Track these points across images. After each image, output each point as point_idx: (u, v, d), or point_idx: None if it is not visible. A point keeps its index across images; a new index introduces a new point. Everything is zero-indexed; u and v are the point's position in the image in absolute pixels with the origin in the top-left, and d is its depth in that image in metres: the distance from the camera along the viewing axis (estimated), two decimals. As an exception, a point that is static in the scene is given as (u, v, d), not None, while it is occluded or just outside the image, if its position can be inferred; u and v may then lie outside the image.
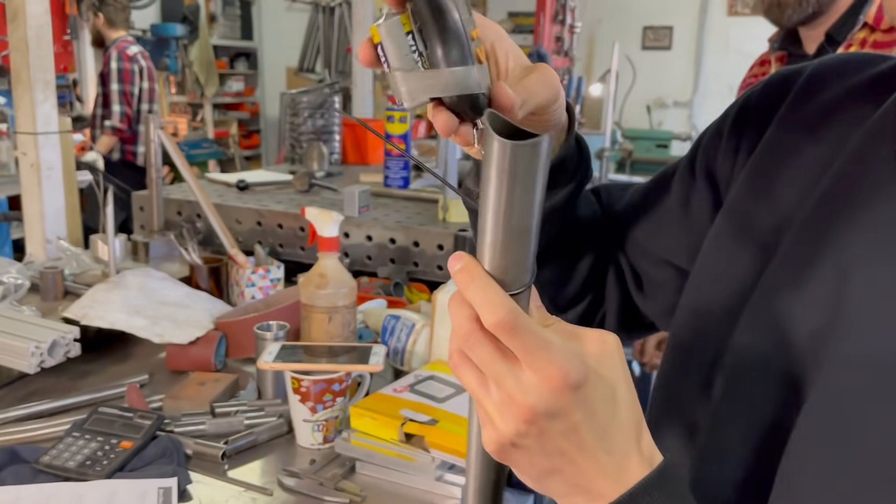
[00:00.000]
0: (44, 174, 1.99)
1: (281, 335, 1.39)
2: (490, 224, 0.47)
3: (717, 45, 5.39)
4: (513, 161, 0.44)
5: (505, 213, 0.46)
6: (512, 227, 0.46)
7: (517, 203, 0.46)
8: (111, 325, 1.43)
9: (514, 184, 0.45)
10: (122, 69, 4.34)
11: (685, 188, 0.73)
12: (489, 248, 0.47)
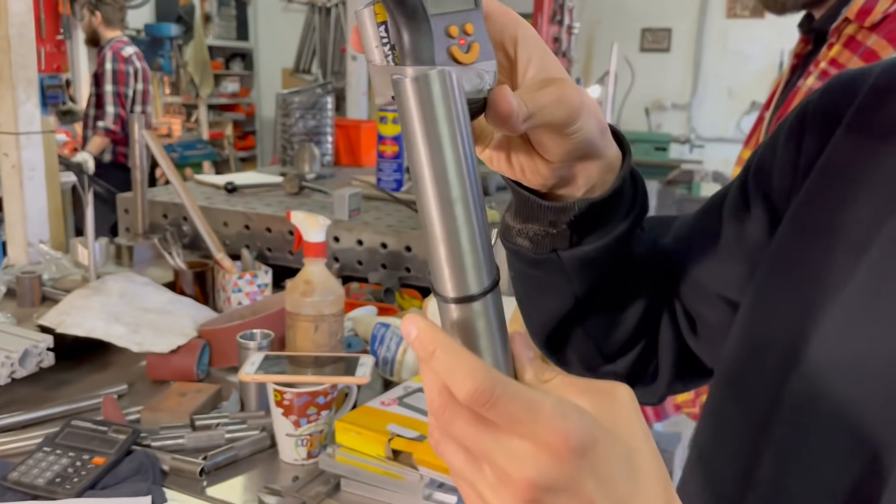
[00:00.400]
0: (26, 175, 1.93)
1: (265, 344, 1.34)
2: (420, 203, 0.42)
3: (716, 48, 5.34)
4: (420, 101, 0.40)
5: (429, 179, 0.41)
6: (442, 195, 0.41)
7: (436, 161, 0.41)
8: (88, 333, 1.37)
9: (427, 134, 0.41)
10: (116, 70, 4.28)
11: (738, 216, 0.65)
12: (428, 237, 0.42)
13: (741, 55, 5.17)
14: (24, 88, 1.90)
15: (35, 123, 1.94)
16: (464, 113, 0.42)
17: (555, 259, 0.60)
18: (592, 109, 0.52)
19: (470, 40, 0.45)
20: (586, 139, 0.53)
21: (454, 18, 0.44)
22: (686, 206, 3.57)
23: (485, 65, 0.46)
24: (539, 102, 0.49)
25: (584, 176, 0.57)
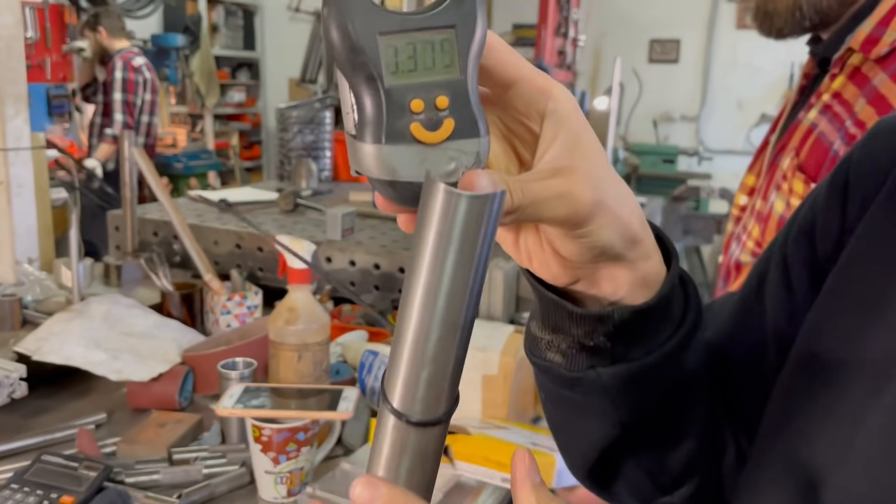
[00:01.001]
0: (14, 192, 1.89)
1: (247, 374, 1.29)
2: (413, 316, 0.37)
3: (726, 59, 5.28)
4: (457, 218, 0.35)
5: (440, 298, 0.36)
6: (448, 320, 0.37)
7: (454, 279, 0.36)
8: (66, 361, 1.33)
9: (455, 251, 0.36)
10: (126, 79, 4.27)
11: (781, 300, 0.55)
12: (408, 350, 0.38)
13: (751, 67, 5.10)
14: (12, 104, 1.86)
15: (24, 139, 1.90)
16: (492, 234, 0.37)
17: (594, 378, 0.50)
18: (615, 213, 0.43)
19: (441, 116, 0.38)
20: (602, 246, 0.44)
21: (421, 90, 0.38)
22: (692, 222, 3.50)
23: (462, 144, 0.39)
24: (532, 195, 0.41)
25: (610, 282, 0.47)
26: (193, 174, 5.21)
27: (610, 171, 0.44)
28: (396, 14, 0.37)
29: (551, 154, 0.43)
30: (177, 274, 1.84)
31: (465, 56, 0.38)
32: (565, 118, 0.43)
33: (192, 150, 5.51)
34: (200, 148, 5.69)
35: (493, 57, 0.42)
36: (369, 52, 0.37)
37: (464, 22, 0.38)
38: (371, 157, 0.38)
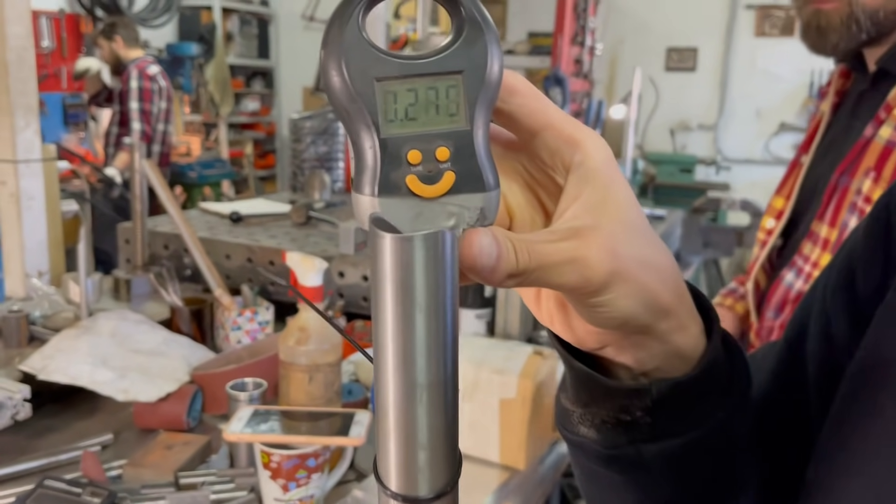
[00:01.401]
0: (24, 205, 1.87)
1: (256, 395, 1.25)
2: (388, 380, 0.34)
3: (744, 67, 5.20)
4: (401, 263, 0.33)
5: (391, 353, 0.34)
6: (405, 378, 0.34)
7: (405, 337, 0.34)
8: (72, 381, 1.30)
9: (408, 301, 0.33)
10: (142, 88, 4.26)
11: (825, 358, 0.51)
12: (378, 414, 0.35)
13: (770, 75, 5.03)
14: (22, 115, 1.84)
15: (35, 151, 1.88)
16: (452, 281, 0.34)
17: (633, 454, 0.45)
18: (638, 283, 0.39)
19: (441, 168, 0.35)
20: (621, 318, 0.39)
21: (420, 141, 0.35)
22: (713, 235, 3.43)
23: (464, 199, 0.36)
24: (540, 258, 0.37)
25: (641, 351, 0.42)
26: (207, 183, 5.20)
27: (641, 232, 0.39)
28: (398, 58, 0.35)
29: (571, 213, 0.38)
30: (187, 288, 1.81)
31: (472, 104, 0.35)
32: (592, 174, 0.39)
33: (206, 158, 5.50)
34: (214, 157, 5.68)
35: (515, 102, 0.39)
36: (365, 98, 0.34)
37: (473, 67, 0.36)
38: (364, 209, 0.35)
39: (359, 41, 0.34)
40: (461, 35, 0.36)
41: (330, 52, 0.34)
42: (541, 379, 1.19)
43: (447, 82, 0.35)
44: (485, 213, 0.36)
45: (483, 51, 0.35)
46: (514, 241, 0.36)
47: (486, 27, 0.36)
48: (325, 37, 0.34)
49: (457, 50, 0.35)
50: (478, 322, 1.49)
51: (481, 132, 0.36)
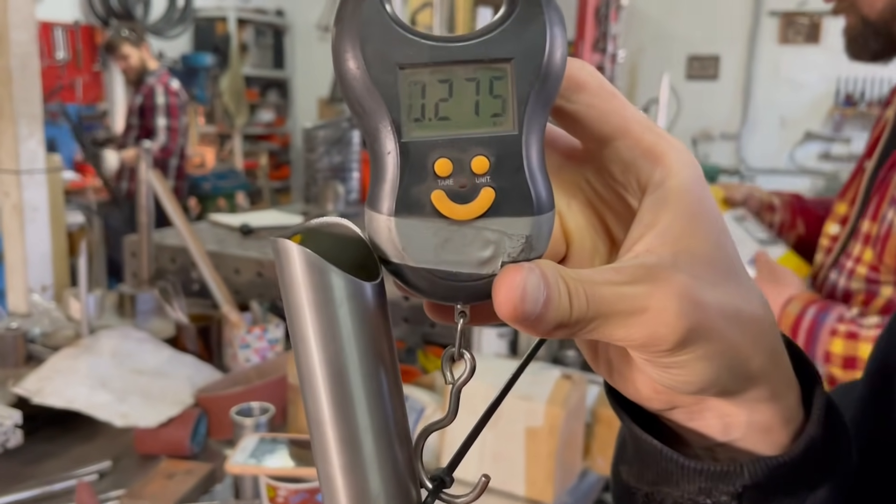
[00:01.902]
0: (27, 216, 1.81)
1: (263, 422, 1.17)
2: (324, 424, 0.30)
3: (768, 75, 5.09)
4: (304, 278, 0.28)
5: (345, 400, 0.30)
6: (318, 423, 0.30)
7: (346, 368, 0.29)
8: (67, 404, 1.22)
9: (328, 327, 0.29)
10: (169, 104, 4.18)
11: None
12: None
13: (794, 83, 4.92)
14: (26, 124, 1.77)
15: (38, 161, 1.82)
16: (356, 309, 0.29)
17: None
18: (724, 342, 0.30)
19: (477, 183, 0.28)
20: (699, 383, 0.31)
21: (453, 147, 0.28)
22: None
23: (506, 223, 0.29)
24: (599, 306, 0.29)
25: (720, 419, 0.34)
26: (222, 194, 5.15)
27: (732, 275, 0.31)
28: (429, 40, 0.28)
29: (644, 245, 0.30)
30: (196, 303, 1.73)
31: (523, 102, 0.28)
32: (675, 197, 0.30)
33: (221, 170, 5.46)
34: (229, 168, 5.64)
35: (582, 101, 0.31)
36: (384, 90, 0.27)
37: (527, 53, 0.28)
38: (380, 232, 0.29)
39: (380, 17, 0.27)
40: (513, 12, 0.28)
41: (343, 30, 0.27)
42: (570, 406, 1.10)
43: (491, 72, 0.28)
44: (531, 243, 0.29)
45: (540, 33, 0.28)
46: (569, 280, 0.28)
47: (545, 2, 0.28)
48: (339, 11, 0.28)
49: (506, 31, 0.28)
50: (499, 341, 1.40)
51: (534, 138, 0.29)
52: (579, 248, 0.33)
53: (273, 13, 6.64)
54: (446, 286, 0.29)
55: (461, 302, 0.30)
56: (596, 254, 0.34)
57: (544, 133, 0.29)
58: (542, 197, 0.29)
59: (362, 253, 0.30)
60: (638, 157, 0.31)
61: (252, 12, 6.38)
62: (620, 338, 0.30)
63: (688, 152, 0.32)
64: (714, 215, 0.31)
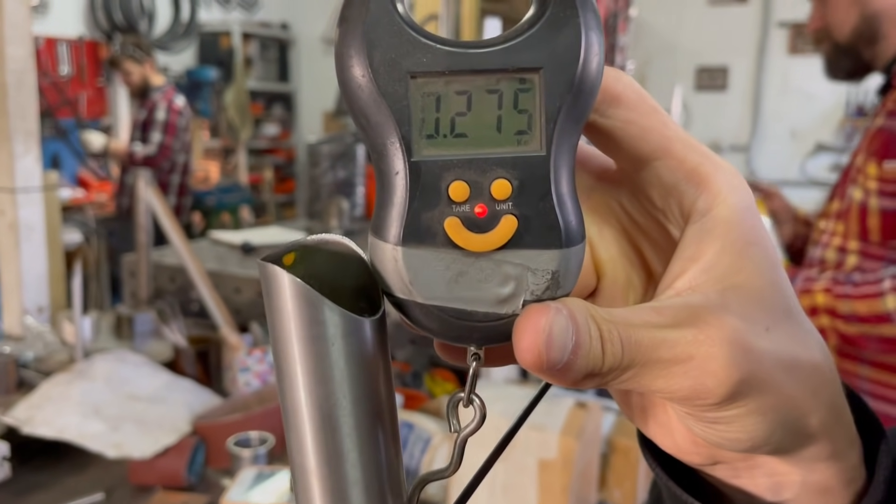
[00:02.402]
0: (23, 236, 1.76)
1: (262, 453, 1.11)
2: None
3: (777, 86, 5.04)
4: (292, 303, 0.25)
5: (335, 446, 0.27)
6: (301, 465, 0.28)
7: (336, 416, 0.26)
8: (58, 434, 1.17)
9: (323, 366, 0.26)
10: (168, 122, 4.15)
11: None
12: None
13: (804, 94, 4.86)
14: (22, 140, 1.73)
15: (34, 179, 1.77)
16: (351, 348, 0.26)
17: None
18: (778, 395, 0.26)
19: (497, 210, 0.25)
20: (750, 440, 0.27)
21: (470, 168, 0.25)
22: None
23: (529, 256, 0.25)
24: (638, 352, 0.25)
25: (769, 478, 0.30)
26: (226, 209, 5.11)
27: (788, 318, 0.27)
28: (446, 46, 0.24)
29: (686, 281, 0.27)
30: (195, 324, 1.68)
31: (553, 117, 0.25)
32: (723, 227, 0.27)
33: (225, 184, 5.42)
34: (233, 183, 5.61)
35: (619, 116, 0.28)
36: (393, 101, 0.24)
37: (558, 62, 0.25)
38: (385, 262, 0.25)
39: (390, 17, 0.24)
40: (543, 14, 0.25)
41: (348, 33, 0.24)
42: (585, 436, 1.04)
43: (517, 84, 0.25)
44: (558, 280, 0.25)
45: (575, 38, 0.25)
46: (601, 323, 0.25)
47: (581, 4, 0.25)
48: (344, 10, 0.25)
49: (535, 36, 0.25)
50: (510, 366, 1.34)
51: (564, 160, 0.25)
52: (611, 281, 0.30)
53: (278, 27, 6.63)
54: (459, 326, 0.26)
55: (475, 344, 0.27)
56: (630, 288, 0.30)
57: (575, 153, 0.26)
58: (572, 227, 0.26)
59: (363, 276, 0.27)
60: (681, 181, 0.28)
61: (257, 26, 6.37)
62: (660, 389, 0.26)
63: (737, 175, 0.28)
64: (767, 248, 0.28)
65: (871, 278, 1.15)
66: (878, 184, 1.21)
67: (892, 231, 1.21)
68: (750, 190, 0.28)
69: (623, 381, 0.26)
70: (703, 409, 0.26)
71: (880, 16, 1.27)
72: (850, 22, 1.30)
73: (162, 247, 1.99)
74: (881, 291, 1.12)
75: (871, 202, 1.22)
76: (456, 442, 0.28)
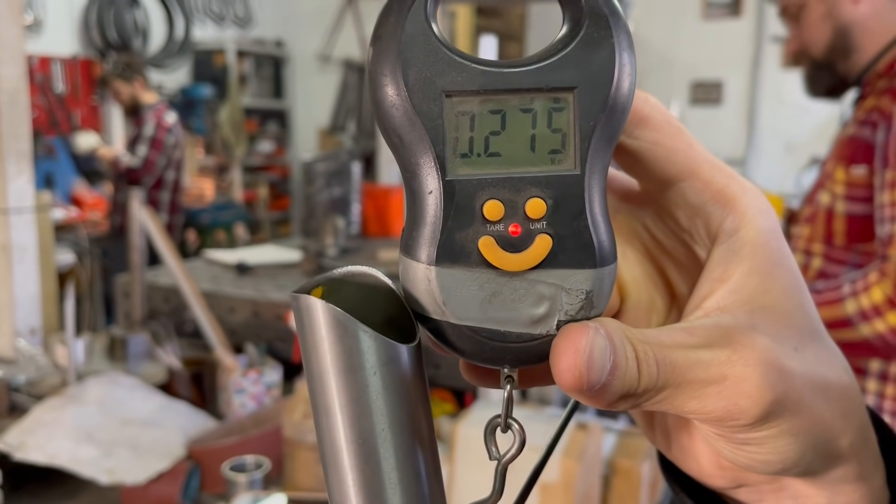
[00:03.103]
0: (15, 257, 1.74)
1: (258, 478, 1.09)
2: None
3: (772, 100, 5.04)
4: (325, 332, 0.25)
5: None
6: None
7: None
8: (50, 461, 1.15)
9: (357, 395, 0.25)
10: (155, 137, 4.15)
11: None
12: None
13: (798, 108, 4.85)
14: (14, 161, 1.72)
15: (27, 200, 1.76)
16: (391, 376, 0.25)
17: None
18: (810, 416, 0.26)
19: (532, 230, 0.25)
20: (780, 462, 0.27)
21: (504, 187, 0.25)
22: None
23: (564, 276, 0.25)
24: (673, 373, 0.25)
25: (793, 499, 0.29)
26: (221, 226, 5.10)
27: (815, 339, 0.28)
28: (480, 65, 0.24)
29: (714, 302, 0.27)
30: (191, 344, 1.66)
31: (587, 137, 0.25)
32: (750, 248, 0.27)
33: (220, 202, 5.41)
34: (228, 200, 5.59)
35: (647, 137, 0.28)
36: (427, 120, 0.24)
37: (593, 82, 0.25)
38: (417, 283, 0.25)
39: (425, 36, 0.24)
40: (577, 34, 0.25)
41: (383, 50, 0.24)
42: (586, 458, 1.03)
43: (551, 103, 0.25)
44: (592, 300, 0.26)
45: (608, 59, 0.25)
46: (636, 343, 0.25)
47: (614, 24, 0.25)
48: (378, 28, 0.25)
49: (569, 56, 0.25)
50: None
51: (597, 179, 0.25)
52: (635, 303, 0.30)
53: (272, 44, 6.63)
54: (493, 347, 0.25)
55: (508, 365, 0.26)
56: (653, 310, 0.30)
57: (607, 173, 0.26)
58: (605, 246, 0.26)
59: (394, 308, 0.27)
60: (707, 202, 0.28)
61: (251, 44, 6.38)
62: (693, 410, 0.26)
63: (763, 197, 0.28)
64: (793, 270, 0.28)
65: (832, 285, 1.17)
66: (844, 188, 1.24)
67: (855, 235, 1.24)
68: (775, 212, 0.28)
69: (657, 402, 0.26)
70: (735, 430, 0.26)
71: (851, 27, 1.30)
72: (823, 37, 1.33)
73: (156, 267, 1.97)
74: (841, 297, 1.14)
75: (838, 206, 1.25)
76: (497, 470, 0.27)
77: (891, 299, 1.08)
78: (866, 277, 1.12)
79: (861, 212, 1.23)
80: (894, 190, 1.13)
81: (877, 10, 1.29)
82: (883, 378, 1.22)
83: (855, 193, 1.24)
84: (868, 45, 1.30)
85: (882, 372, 1.23)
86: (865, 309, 1.11)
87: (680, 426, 0.31)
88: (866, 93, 1.31)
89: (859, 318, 1.11)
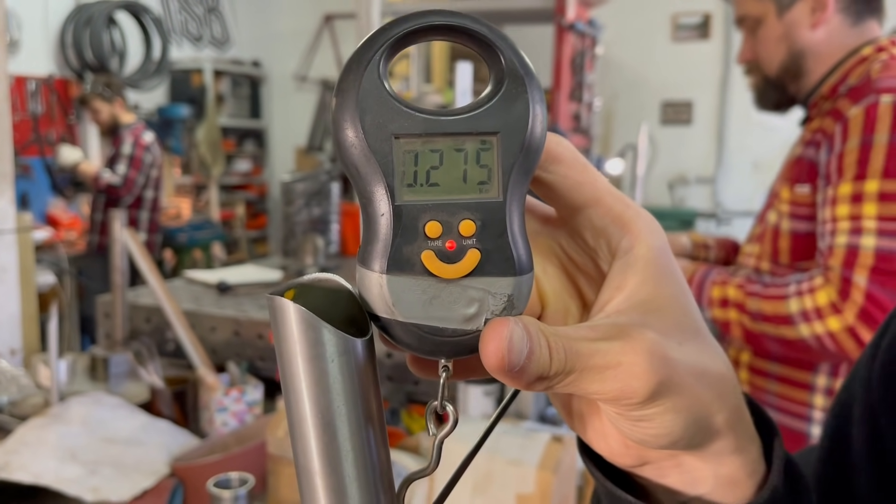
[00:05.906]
0: (-4, 278, 1.75)
1: (242, 495, 1.11)
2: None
3: (740, 119, 5.16)
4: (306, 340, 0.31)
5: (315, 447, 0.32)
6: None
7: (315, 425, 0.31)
8: (35, 480, 1.16)
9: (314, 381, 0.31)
10: (133, 156, 4.16)
11: (874, 469, 0.45)
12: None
13: (766, 126, 4.98)
14: (-5, 183, 1.73)
15: (9, 221, 1.77)
16: (347, 364, 0.31)
17: None
18: (690, 397, 0.32)
19: (464, 245, 0.31)
20: (668, 436, 0.33)
21: (442, 211, 0.31)
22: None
23: (490, 282, 0.31)
24: (576, 361, 0.31)
25: (686, 475, 0.36)
26: (198, 245, 5.09)
27: (696, 335, 0.34)
28: (423, 113, 0.31)
29: (614, 306, 0.33)
30: (172, 364, 1.68)
31: (507, 171, 0.31)
32: (642, 262, 0.34)
33: (197, 221, 5.40)
34: (205, 219, 5.59)
35: (559, 172, 0.34)
36: (380, 157, 0.30)
37: (511, 128, 0.31)
38: (371, 288, 0.31)
39: (378, 90, 0.30)
40: (500, 90, 0.31)
41: (343, 101, 0.30)
42: (561, 470, 1.06)
43: (479, 144, 0.31)
44: (513, 301, 0.31)
45: (524, 109, 0.31)
46: (549, 335, 0.31)
47: (528, 81, 0.31)
48: (340, 83, 0.30)
49: (493, 107, 0.31)
50: (486, 400, 1.37)
51: (516, 205, 0.31)
52: (553, 310, 0.36)
53: (249, 64, 6.66)
54: (433, 341, 0.31)
55: (445, 356, 0.32)
56: (569, 314, 0.36)
57: (525, 201, 0.32)
58: (523, 259, 0.31)
59: (352, 307, 0.32)
60: (608, 225, 0.34)
61: (228, 63, 6.40)
62: (595, 391, 0.32)
63: (654, 221, 0.35)
64: (678, 279, 0.34)
65: (779, 282, 1.23)
66: (789, 206, 1.30)
67: (799, 252, 1.29)
68: (664, 232, 0.35)
69: (566, 384, 0.31)
70: (629, 408, 0.32)
71: (806, 53, 1.34)
72: (778, 57, 1.37)
73: (137, 287, 1.99)
74: (786, 294, 1.20)
75: (783, 224, 1.31)
76: (434, 444, 0.33)
77: (835, 305, 1.13)
78: (812, 280, 1.17)
79: (804, 230, 1.28)
80: (836, 206, 1.18)
81: (830, 36, 1.33)
82: (829, 394, 1.27)
83: (799, 212, 1.28)
84: (817, 69, 1.35)
85: (828, 388, 1.27)
86: (808, 310, 1.16)
87: (591, 411, 0.36)
88: (812, 115, 1.35)
89: (800, 318, 1.17)
